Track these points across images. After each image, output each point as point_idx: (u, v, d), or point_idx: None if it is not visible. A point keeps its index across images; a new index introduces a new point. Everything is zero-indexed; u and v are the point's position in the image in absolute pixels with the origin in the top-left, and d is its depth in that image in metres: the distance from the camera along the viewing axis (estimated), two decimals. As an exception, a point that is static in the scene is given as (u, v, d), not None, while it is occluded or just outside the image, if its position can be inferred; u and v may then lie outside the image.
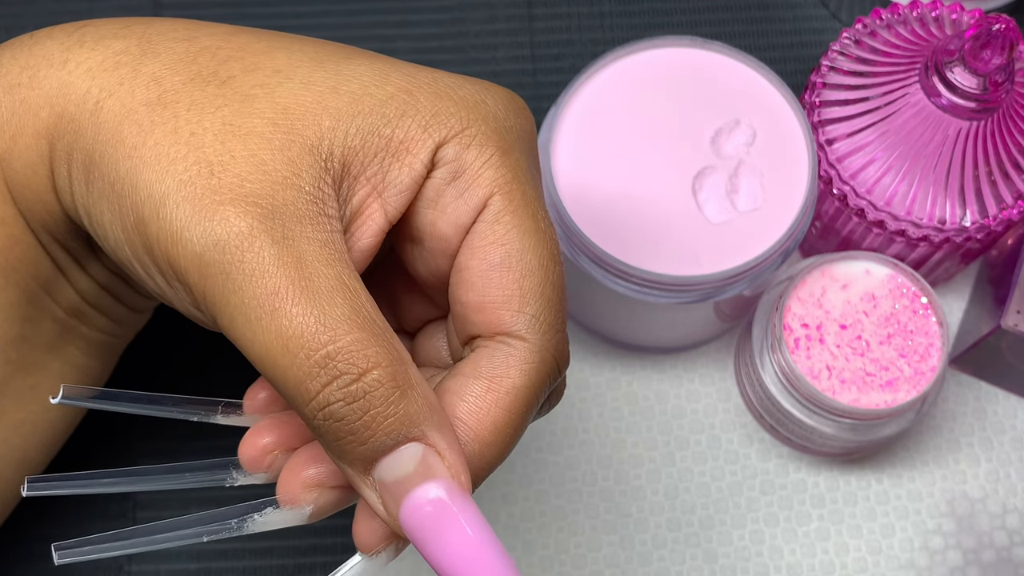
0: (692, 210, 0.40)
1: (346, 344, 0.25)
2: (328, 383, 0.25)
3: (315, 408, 0.25)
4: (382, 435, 0.25)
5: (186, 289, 0.27)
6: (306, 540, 0.44)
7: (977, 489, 0.45)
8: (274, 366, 0.25)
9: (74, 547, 0.28)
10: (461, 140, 0.28)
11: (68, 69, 0.29)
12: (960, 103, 0.39)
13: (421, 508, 0.26)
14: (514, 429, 0.28)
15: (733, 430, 0.46)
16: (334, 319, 0.25)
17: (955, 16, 0.43)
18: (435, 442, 0.26)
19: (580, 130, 0.41)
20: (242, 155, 0.26)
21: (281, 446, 0.30)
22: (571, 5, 0.52)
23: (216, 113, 0.27)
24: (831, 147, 0.41)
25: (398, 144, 0.28)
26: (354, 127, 0.27)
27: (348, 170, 0.27)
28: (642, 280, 0.39)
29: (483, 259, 0.28)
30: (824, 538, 0.44)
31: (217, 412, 0.31)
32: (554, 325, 0.28)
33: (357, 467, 0.26)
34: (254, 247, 0.25)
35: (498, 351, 0.28)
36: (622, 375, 0.46)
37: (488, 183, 0.28)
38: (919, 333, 0.41)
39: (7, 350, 0.33)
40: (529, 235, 0.28)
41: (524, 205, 0.28)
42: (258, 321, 0.25)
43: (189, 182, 0.26)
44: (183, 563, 0.43)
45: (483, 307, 0.28)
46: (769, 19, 0.52)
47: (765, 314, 0.43)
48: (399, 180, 0.28)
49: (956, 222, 0.41)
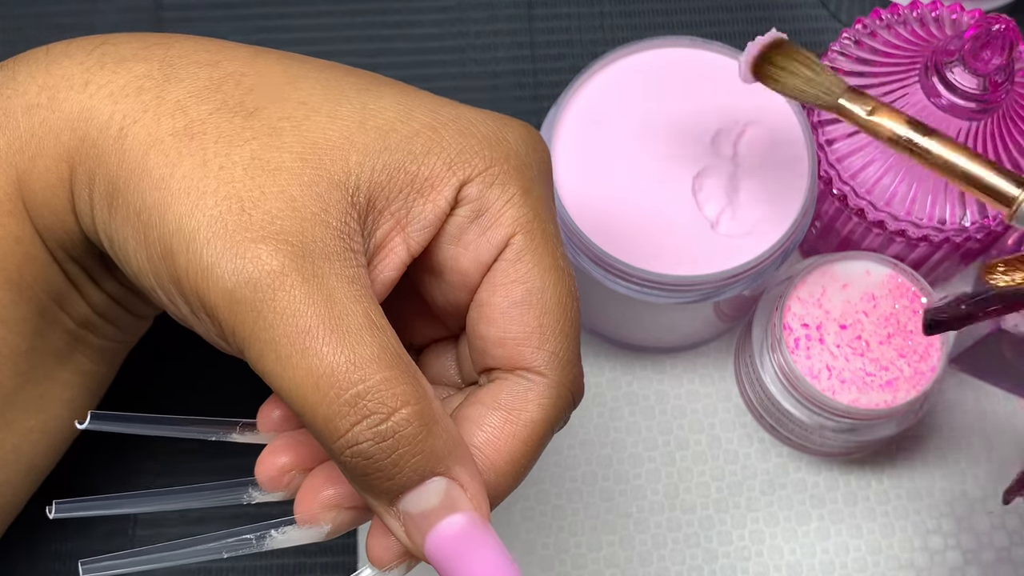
0: (692, 210, 0.40)
1: (376, 383, 0.25)
2: (357, 422, 0.25)
3: (343, 446, 0.26)
4: (409, 472, 0.26)
5: (213, 322, 0.27)
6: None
7: (977, 489, 0.45)
8: (303, 403, 0.26)
9: (100, 563, 0.29)
10: (484, 179, 0.29)
11: (89, 92, 0.29)
12: (960, 103, 0.39)
13: (446, 539, 0.26)
14: (529, 460, 0.29)
15: (733, 430, 0.46)
16: (363, 358, 0.25)
17: (955, 16, 0.43)
18: (458, 476, 0.27)
19: (580, 130, 0.41)
20: (272, 191, 0.26)
21: (298, 466, 0.30)
22: (571, 5, 0.52)
23: (244, 147, 0.27)
24: (831, 147, 0.41)
25: (423, 181, 0.28)
26: (380, 163, 0.28)
27: (373, 205, 0.28)
28: (642, 280, 0.39)
29: (505, 296, 0.29)
30: (824, 538, 0.44)
31: (234, 431, 0.31)
32: (571, 361, 0.29)
33: (382, 500, 0.27)
34: (285, 286, 0.25)
35: (518, 385, 0.29)
36: (622, 375, 0.46)
37: (510, 222, 0.29)
38: (919, 333, 0.41)
39: (18, 362, 0.33)
40: (549, 273, 0.29)
41: (544, 243, 0.29)
42: (288, 359, 0.25)
43: (220, 218, 0.26)
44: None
45: (503, 342, 0.29)
46: (769, 19, 0.52)
47: (765, 314, 0.43)
48: (423, 216, 0.28)
49: (956, 222, 0.41)
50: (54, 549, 0.43)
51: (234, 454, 0.31)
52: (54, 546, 0.43)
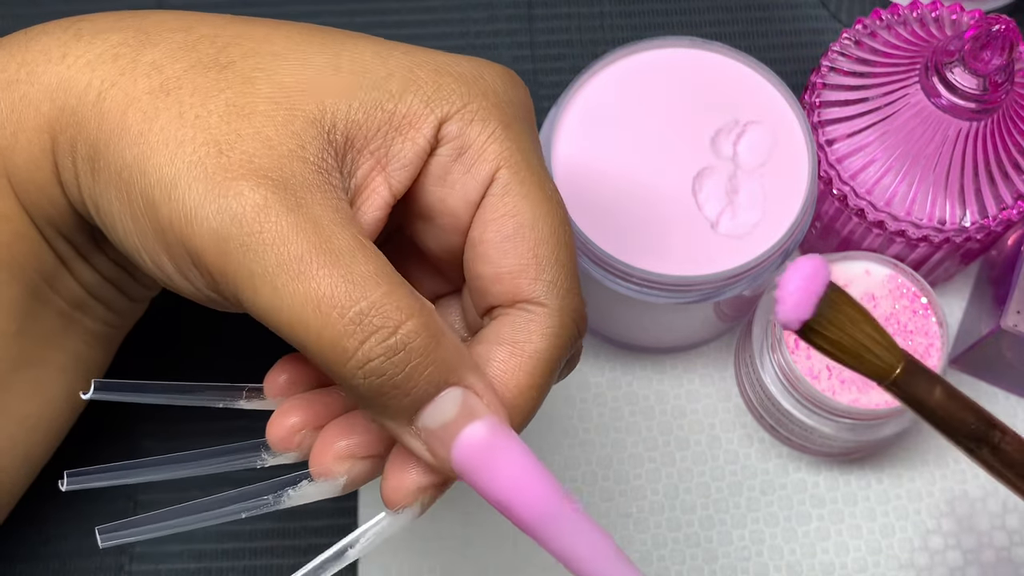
0: (692, 210, 0.40)
1: (378, 298, 0.25)
2: (365, 339, 0.25)
3: (355, 367, 0.25)
4: (424, 384, 0.26)
5: (202, 271, 0.27)
6: (306, 540, 0.44)
7: (977, 489, 0.45)
8: (306, 330, 0.25)
9: (117, 531, 0.29)
10: (464, 116, 0.29)
11: (67, 63, 0.29)
12: (960, 103, 0.39)
13: (471, 448, 0.26)
14: (538, 391, 0.29)
15: (733, 430, 0.46)
16: (361, 276, 0.26)
17: (955, 17, 0.43)
18: (472, 384, 0.27)
19: (580, 130, 0.41)
20: (248, 133, 0.27)
21: (309, 425, 0.30)
22: (571, 5, 0.52)
23: (219, 96, 0.27)
24: (831, 147, 0.42)
25: (401, 119, 0.28)
26: (357, 101, 0.28)
27: (351, 143, 0.28)
28: (642, 280, 0.39)
29: (497, 231, 0.29)
30: (824, 538, 0.44)
31: (241, 397, 0.31)
32: (570, 289, 0.29)
33: (400, 419, 0.27)
34: (271, 217, 0.26)
35: (519, 317, 0.29)
36: (622, 375, 0.46)
37: (494, 157, 0.29)
38: (919, 333, 0.41)
39: (9, 346, 0.33)
40: (539, 204, 0.29)
41: (531, 176, 0.29)
42: (285, 288, 0.25)
43: (199, 162, 0.26)
44: (183, 563, 0.43)
45: (500, 278, 0.29)
46: (769, 19, 0.52)
47: (765, 314, 0.43)
48: (403, 154, 0.28)
49: (956, 222, 0.41)
50: (54, 549, 0.43)
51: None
52: (54, 546, 0.43)
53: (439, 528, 0.44)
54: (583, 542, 0.27)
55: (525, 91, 0.31)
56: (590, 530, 0.27)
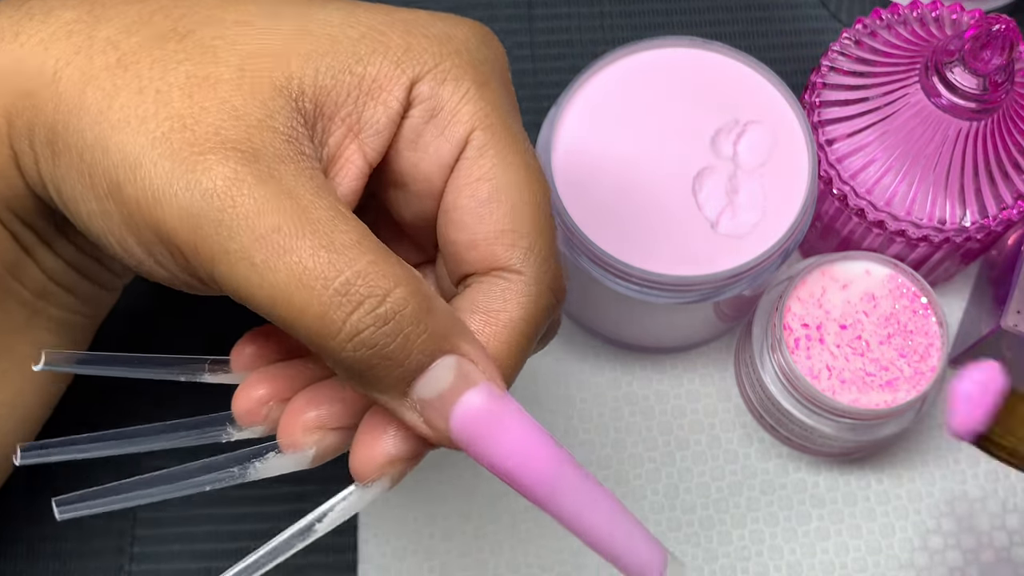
0: (692, 210, 0.40)
1: (363, 267, 0.24)
2: (353, 310, 0.24)
3: (344, 339, 0.24)
4: (417, 353, 0.25)
5: (173, 251, 0.26)
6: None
7: (977, 489, 0.45)
8: (289, 306, 0.24)
9: (76, 503, 0.28)
10: (435, 76, 0.28)
11: (20, 42, 0.28)
12: (960, 103, 0.39)
13: (470, 416, 0.26)
14: (514, 362, 0.27)
15: (733, 430, 0.46)
16: (344, 245, 0.24)
17: (955, 16, 0.43)
18: (466, 351, 0.26)
19: (580, 130, 0.41)
20: (213, 105, 0.26)
21: (276, 397, 0.29)
22: (571, 5, 0.52)
23: (179, 68, 0.26)
24: (831, 147, 0.41)
25: (371, 82, 0.27)
26: (324, 66, 0.27)
27: (321, 111, 0.27)
28: (642, 280, 0.39)
29: (471, 196, 0.28)
30: (824, 538, 0.44)
31: (204, 370, 0.30)
32: (548, 256, 0.28)
33: (393, 392, 0.26)
34: (243, 189, 0.25)
35: (494, 285, 0.27)
36: (622, 375, 0.46)
37: (468, 118, 0.28)
38: (919, 333, 0.41)
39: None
40: (515, 168, 0.28)
41: (507, 137, 0.28)
42: (264, 264, 0.24)
43: (163, 138, 0.25)
44: (183, 563, 0.43)
45: (475, 244, 0.28)
46: (769, 19, 0.52)
47: (765, 314, 0.43)
48: (375, 120, 0.27)
49: (956, 222, 0.41)
50: (54, 549, 0.43)
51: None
52: (54, 546, 0.43)
53: (439, 528, 0.44)
54: (588, 503, 0.26)
55: (500, 48, 0.30)
56: (593, 490, 0.26)
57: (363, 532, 0.44)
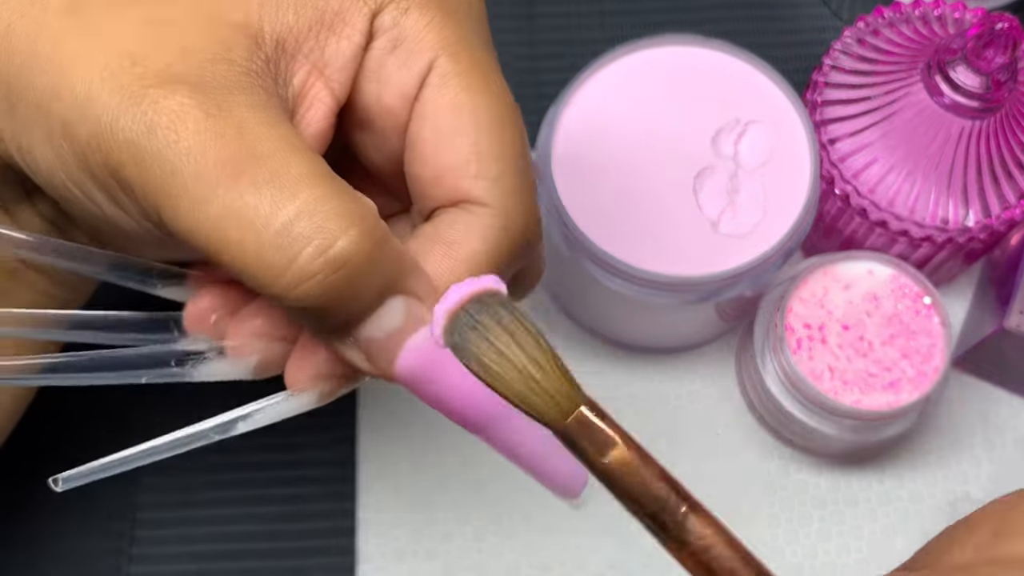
0: (693, 210, 0.40)
1: (308, 203, 0.23)
2: (297, 253, 0.23)
3: (289, 285, 0.23)
4: (367, 298, 0.24)
5: (128, 193, 0.25)
6: (306, 541, 0.44)
7: (979, 490, 0.45)
8: (228, 247, 0.23)
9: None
10: (399, 5, 0.27)
11: None
12: (963, 102, 0.39)
13: (419, 358, 0.25)
14: None
15: (734, 431, 0.45)
16: (290, 179, 0.23)
17: (958, 15, 0.43)
18: (415, 289, 0.25)
19: (580, 129, 0.40)
20: (166, 42, 0.25)
21: (226, 308, 0.28)
22: (571, 4, 0.52)
23: (133, 9, 0.26)
24: (833, 146, 0.41)
25: (333, 16, 0.26)
26: (284, 1, 0.26)
27: (283, 48, 0.26)
28: (643, 280, 0.39)
29: (433, 126, 0.26)
30: (825, 539, 0.44)
31: (153, 275, 0.28)
32: (518, 190, 0.27)
33: (337, 333, 0.25)
34: (188, 124, 0.23)
35: (459, 216, 0.26)
36: (622, 375, 0.46)
37: (431, 46, 0.26)
38: (922, 334, 0.41)
39: None
40: (480, 95, 0.26)
41: (473, 66, 0.27)
42: (203, 200, 0.23)
43: (111, 76, 0.24)
44: (183, 564, 0.43)
45: (439, 178, 0.26)
46: (771, 17, 0.52)
47: (767, 314, 0.43)
48: (339, 54, 0.26)
49: (959, 222, 0.41)
50: (54, 549, 0.43)
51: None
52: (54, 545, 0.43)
53: (439, 529, 0.44)
54: (524, 430, 0.26)
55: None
56: (524, 420, 0.25)
57: (363, 532, 0.44)
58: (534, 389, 0.23)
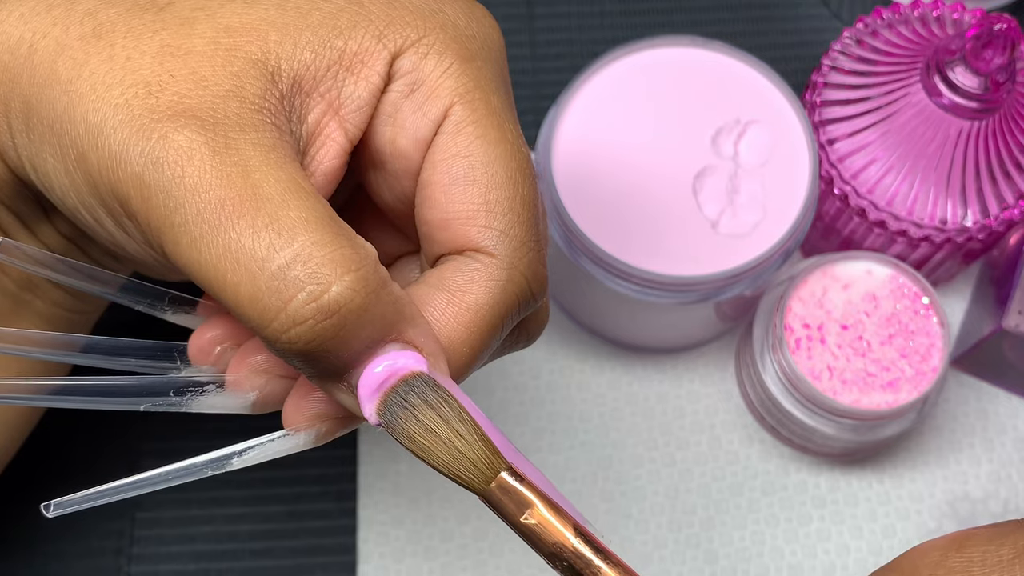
0: (692, 210, 0.40)
1: (305, 248, 0.23)
2: (291, 297, 0.23)
3: (280, 329, 0.23)
4: (361, 345, 0.24)
5: (134, 222, 0.25)
6: (306, 541, 0.44)
7: (978, 490, 0.45)
8: (225, 286, 0.23)
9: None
10: (418, 49, 0.27)
11: (0, 18, 0.27)
12: (961, 103, 0.39)
13: None
14: (471, 349, 0.26)
15: (734, 431, 0.45)
16: (289, 223, 0.23)
17: (956, 16, 0.43)
18: (412, 338, 0.25)
19: (580, 130, 0.40)
20: (182, 74, 0.25)
21: (231, 340, 0.28)
22: (571, 5, 0.52)
23: (154, 37, 0.26)
24: (832, 147, 0.41)
25: (352, 56, 0.26)
26: (303, 39, 0.26)
27: (300, 86, 0.26)
28: (642, 280, 0.39)
29: (445, 173, 0.26)
30: (825, 539, 0.44)
31: (164, 302, 0.29)
32: (525, 242, 0.27)
33: (329, 378, 0.25)
34: (194, 160, 0.24)
35: (464, 265, 0.26)
36: (622, 375, 0.46)
37: (448, 93, 0.27)
38: (920, 333, 0.41)
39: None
40: (494, 145, 0.27)
41: (488, 115, 0.27)
42: (203, 239, 0.23)
43: (125, 105, 0.25)
44: (183, 564, 0.43)
45: (448, 224, 0.26)
46: (770, 18, 0.52)
47: (766, 314, 0.43)
48: (356, 95, 0.27)
49: (957, 222, 0.41)
50: (54, 549, 0.43)
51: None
52: (54, 546, 0.43)
53: (439, 529, 0.44)
54: (535, 477, 0.25)
55: (493, 25, 0.29)
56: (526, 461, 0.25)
57: (363, 532, 0.44)
58: (459, 459, 0.25)
